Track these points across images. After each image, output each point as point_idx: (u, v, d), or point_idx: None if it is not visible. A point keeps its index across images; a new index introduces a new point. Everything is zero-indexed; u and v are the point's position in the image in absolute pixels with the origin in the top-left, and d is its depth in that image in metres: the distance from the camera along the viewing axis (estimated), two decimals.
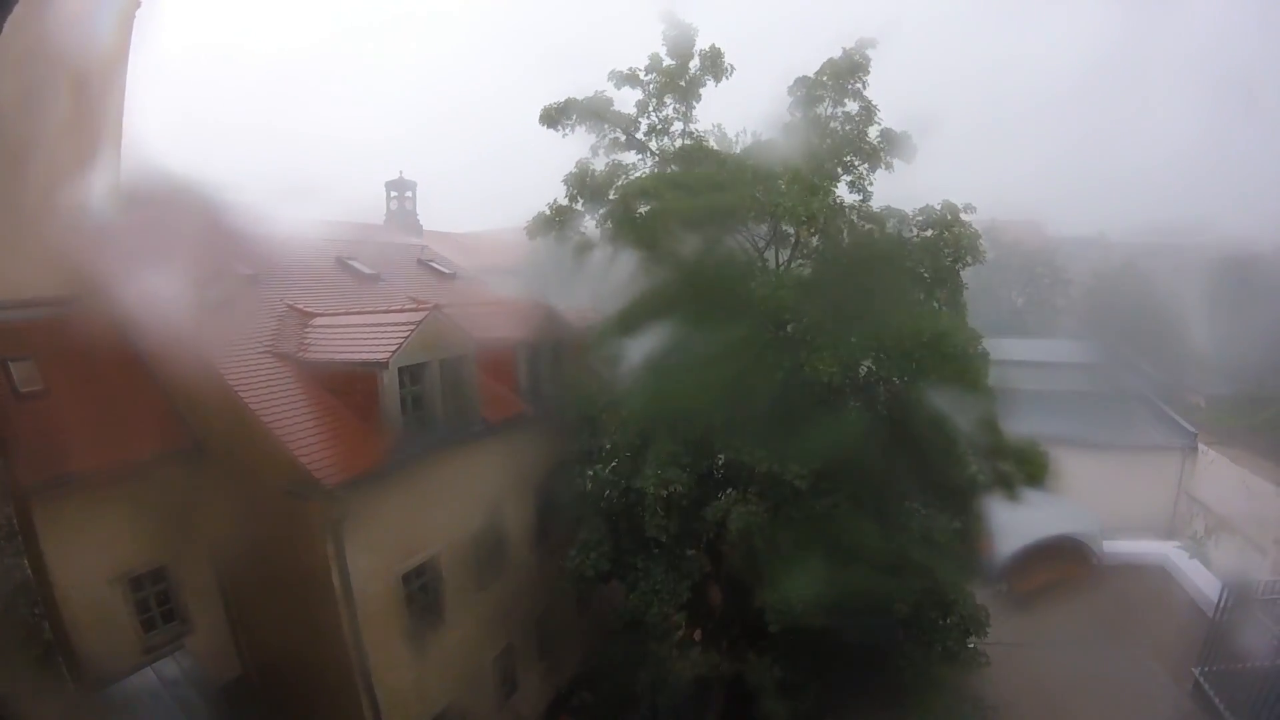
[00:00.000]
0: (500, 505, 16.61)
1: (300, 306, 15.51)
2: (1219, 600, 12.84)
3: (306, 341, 14.00)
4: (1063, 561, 25.07)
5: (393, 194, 28.93)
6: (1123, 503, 26.12)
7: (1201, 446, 28.79)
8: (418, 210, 29.07)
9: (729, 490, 15.51)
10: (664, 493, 14.80)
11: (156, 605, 12.19)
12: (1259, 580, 14.06)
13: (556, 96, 16.75)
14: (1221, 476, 27.07)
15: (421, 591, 14.09)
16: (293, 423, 12.13)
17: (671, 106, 17.04)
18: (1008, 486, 15.59)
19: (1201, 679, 12.61)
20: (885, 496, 15.20)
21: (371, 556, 12.59)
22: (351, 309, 16.41)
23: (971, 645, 15.58)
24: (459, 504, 15.29)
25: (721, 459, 15.74)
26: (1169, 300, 33.40)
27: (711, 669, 16.15)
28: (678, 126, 17.22)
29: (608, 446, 16.41)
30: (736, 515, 14.55)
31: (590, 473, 16.45)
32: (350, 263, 19.44)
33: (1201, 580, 20.63)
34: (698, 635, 17.28)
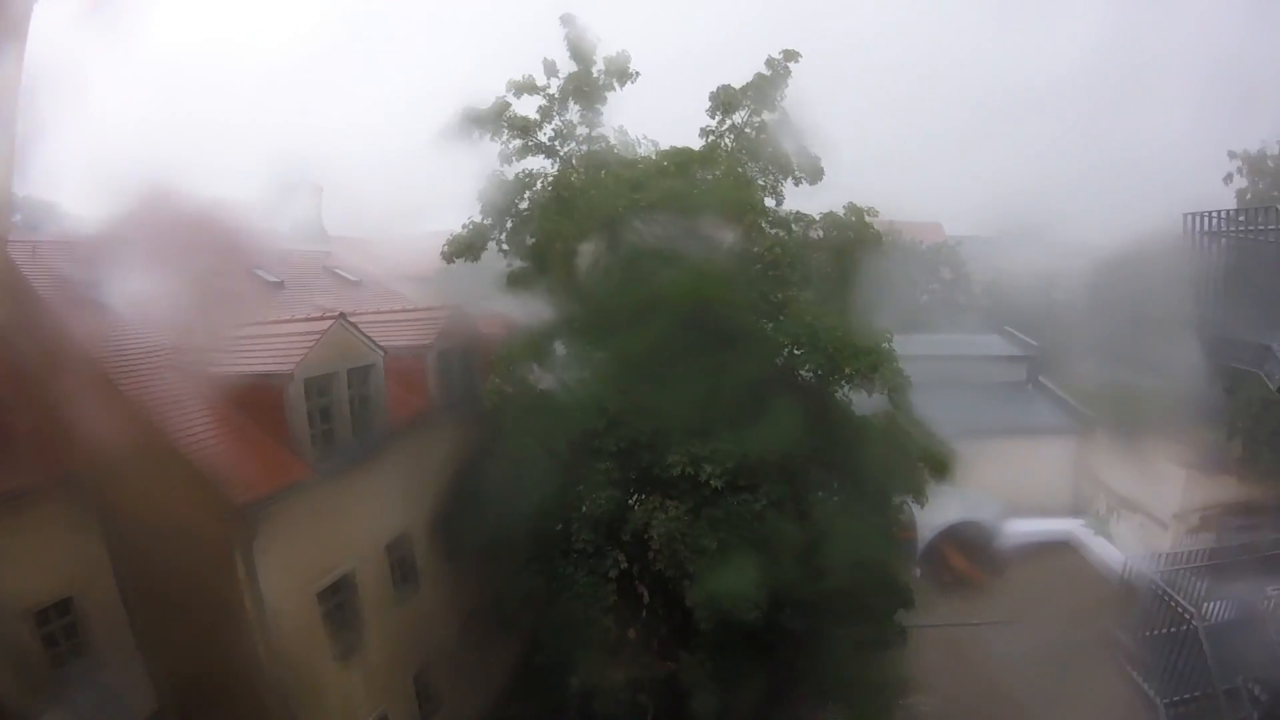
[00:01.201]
0: (413, 517, 16.44)
1: (203, 317, 14.69)
2: (1123, 574, 13.89)
3: (211, 354, 13.49)
4: (973, 546, 26.56)
5: (300, 199, 28.14)
6: (1029, 487, 27.66)
7: (1099, 430, 30.61)
8: (324, 216, 28.33)
9: (645, 494, 15.76)
10: (597, 511, 15.18)
11: (64, 639, 11.50)
12: (1160, 553, 15.22)
13: (465, 100, 16.92)
14: (1117, 455, 28.60)
15: (338, 609, 13.81)
16: (196, 440, 11.70)
17: (577, 112, 17.33)
18: (917, 483, 16.56)
19: (1113, 648, 13.58)
20: (806, 488, 15.85)
21: (284, 576, 12.27)
22: (255, 319, 15.88)
23: (897, 625, 16.29)
24: (372, 517, 15.08)
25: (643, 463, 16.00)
26: (1064, 294, 35.74)
27: (642, 671, 16.43)
28: (582, 131, 17.50)
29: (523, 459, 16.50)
30: (658, 521, 14.84)
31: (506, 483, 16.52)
32: (256, 271, 18.92)
33: (1107, 555, 22.18)
34: (629, 636, 17.52)
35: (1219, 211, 11.22)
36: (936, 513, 22.81)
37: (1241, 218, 11.21)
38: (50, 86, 11.85)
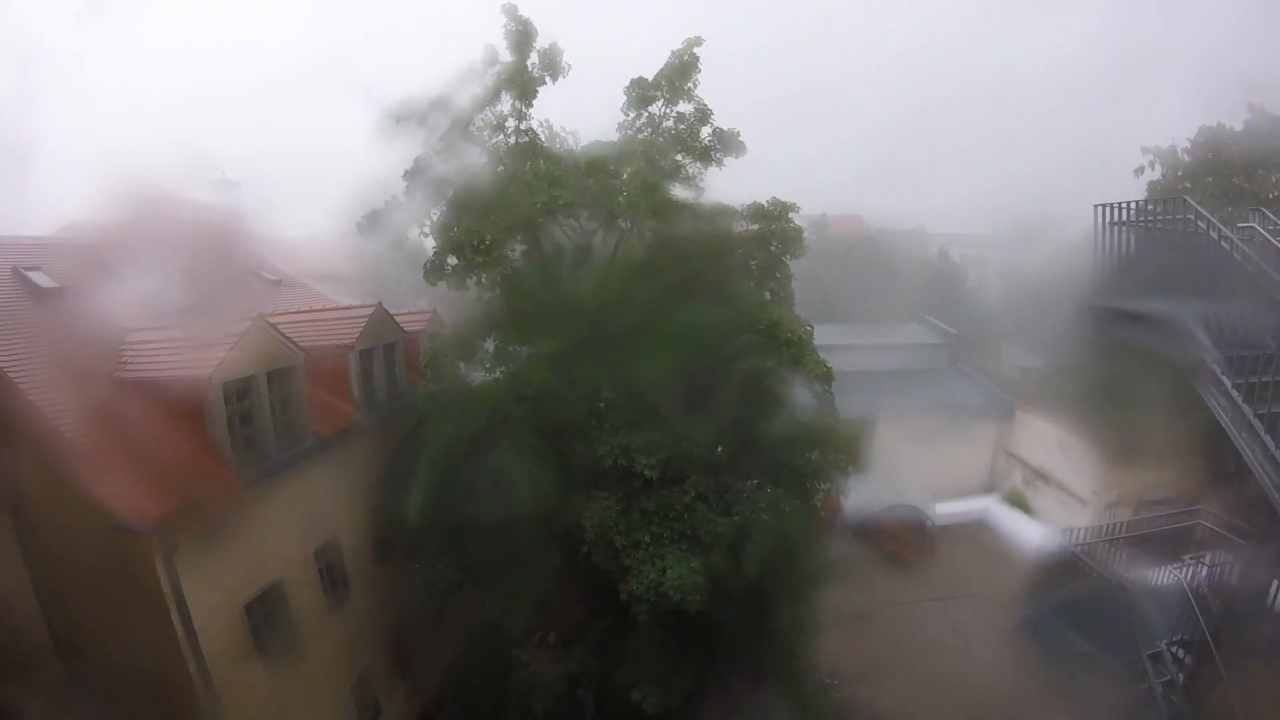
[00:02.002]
0: (340, 521, 16.19)
1: (112, 322, 14.09)
2: (1039, 544, 14.61)
3: (123, 359, 13.07)
4: (900, 527, 27.55)
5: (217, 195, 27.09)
6: (952, 467, 28.89)
7: (1017, 412, 32.28)
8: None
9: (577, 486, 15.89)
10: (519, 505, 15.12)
11: None
12: (1081, 527, 16.10)
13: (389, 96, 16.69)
14: (1035, 435, 30.29)
15: (267, 621, 13.48)
16: (112, 450, 11.19)
17: (509, 103, 17.26)
18: (835, 473, 17.11)
19: (1031, 616, 14.31)
20: (732, 477, 16.19)
21: (210, 589, 11.92)
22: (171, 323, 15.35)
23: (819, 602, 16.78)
24: (298, 524, 14.76)
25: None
26: (981, 284, 37.53)
27: (578, 667, 16.56)
28: (512, 124, 17.45)
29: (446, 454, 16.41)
30: (590, 513, 15.02)
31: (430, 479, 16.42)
32: (162, 271, 18.05)
33: (1026, 529, 23.35)
34: (552, 637, 17.61)
35: (1127, 202, 11.82)
36: (863, 496, 23.63)
37: (1150, 207, 11.87)
38: None
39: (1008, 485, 31.16)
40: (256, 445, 13.75)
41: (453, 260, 17.05)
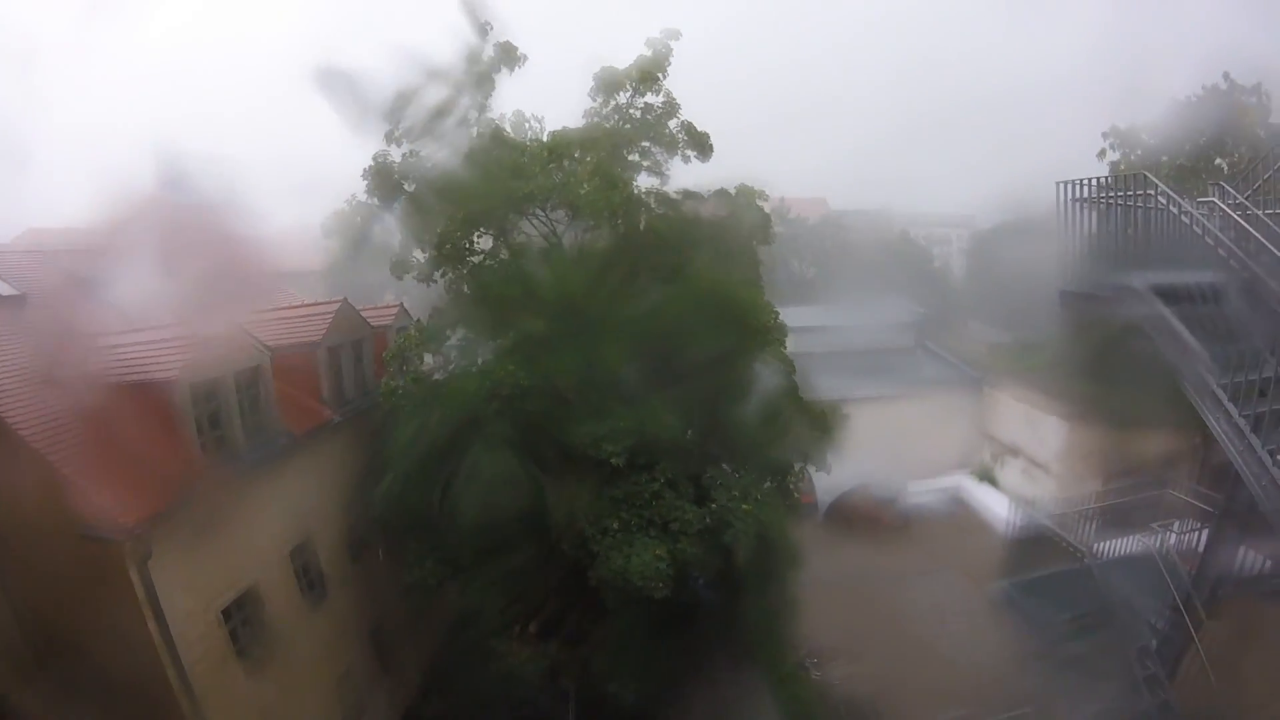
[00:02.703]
0: (315, 520, 16.11)
1: (77, 325, 13.88)
2: (1011, 518, 14.95)
3: (88, 364, 12.76)
4: (872, 505, 28.05)
5: (171, 194, 26.50)
6: (922, 443, 29.36)
7: (986, 388, 32.92)
8: None
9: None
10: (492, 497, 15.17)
11: None
12: (1050, 499, 16.55)
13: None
14: (1004, 411, 30.95)
15: (245, 626, 13.41)
16: (81, 456, 11.02)
17: (469, 95, 17.09)
18: (812, 451, 17.46)
19: (1006, 589, 14.69)
20: (702, 463, 16.34)
21: (186, 596, 11.80)
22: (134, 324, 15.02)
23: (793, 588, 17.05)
24: (271, 525, 14.64)
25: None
26: (945, 262, 38.20)
27: (557, 657, 16.68)
28: (473, 115, 17.30)
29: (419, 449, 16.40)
30: (558, 501, 15.09)
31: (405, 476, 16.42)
32: (125, 271, 17.66)
33: (996, 504, 23.91)
34: (533, 627, 17.72)
35: (1089, 179, 12.08)
36: (836, 475, 24.02)
37: (1112, 183, 12.17)
38: None
39: (979, 460, 31.78)
40: (227, 446, 13.63)
41: (418, 255, 17.00)
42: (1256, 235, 9.26)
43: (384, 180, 16.87)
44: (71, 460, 10.90)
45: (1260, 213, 9.78)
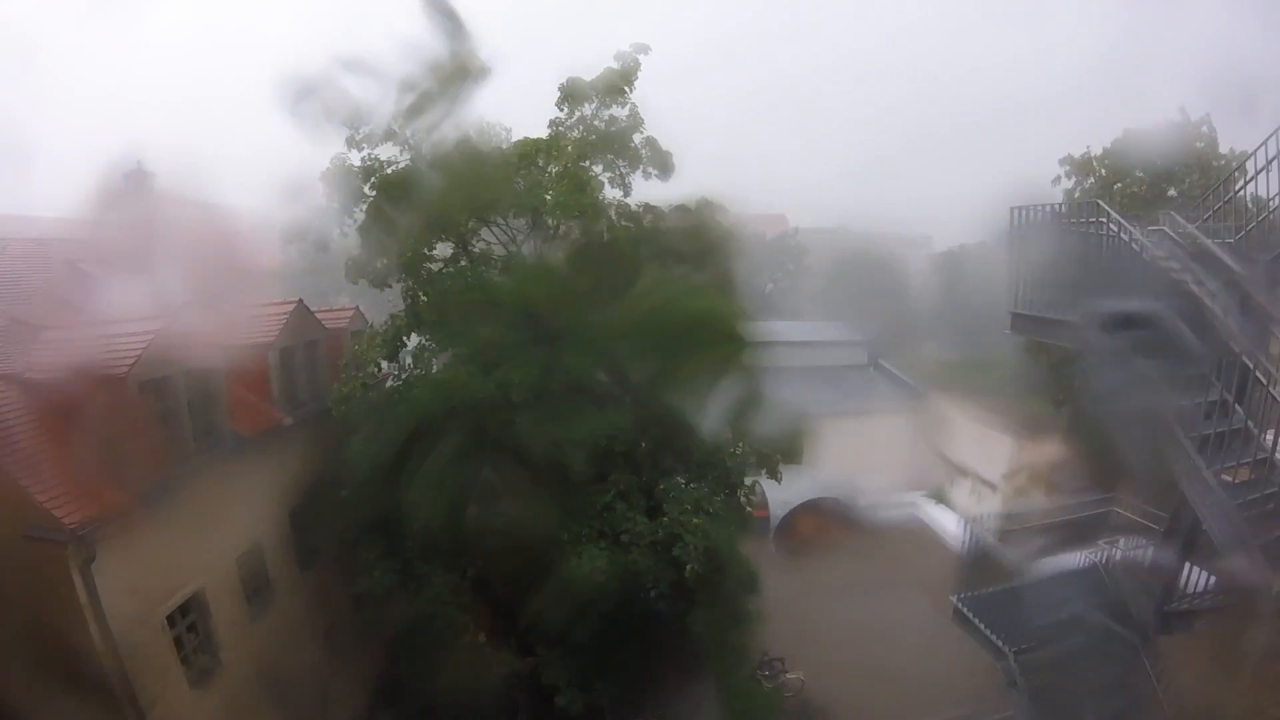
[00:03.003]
0: (264, 526, 15.86)
1: (25, 318, 13.52)
2: (964, 535, 15.30)
3: (34, 359, 12.42)
4: (825, 520, 28.41)
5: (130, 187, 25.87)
6: (874, 461, 29.86)
7: (938, 406, 33.44)
8: None
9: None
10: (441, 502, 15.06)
11: None
12: (994, 514, 16.97)
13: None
14: (956, 429, 31.45)
15: (191, 632, 13.12)
16: (23, 454, 10.71)
17: (434, 102, 16.90)
18: (770, 465, 17.62)
19: (959, 604, 15.02)
20: (656, 474, 16.42)
21: (130, 600, 11.49)
22: (85, 319, 14.56)
23: (747, 603, 17.15)
24: (219, 530, 14.31)
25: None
26: (901, 282, 38.98)
27: (507, 666, 16.58)
28: (439, 122, 17.13)
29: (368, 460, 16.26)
30: (509, 513, 15.10)
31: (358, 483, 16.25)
32: (81, 265, 17.30)
33: (948, 520, 24.41)
34: (482, 637, 17.61)
35: (1042, 206, 12.46)
36: (789, 489, 24.30)
37: (1064, 210, 12.57)
38: None
39: (930, 477, 32.33)
40: (176, 446, 13.31)
41: (374, 262, 16.83)
42: (1215, 257, 9.60)
43: (343, 184, 16.66)
44: (14, 457, 10.59)
45: (1208, 241, 10.15)
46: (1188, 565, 11.51)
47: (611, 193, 17.42)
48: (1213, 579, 11.18)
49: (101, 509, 11.16)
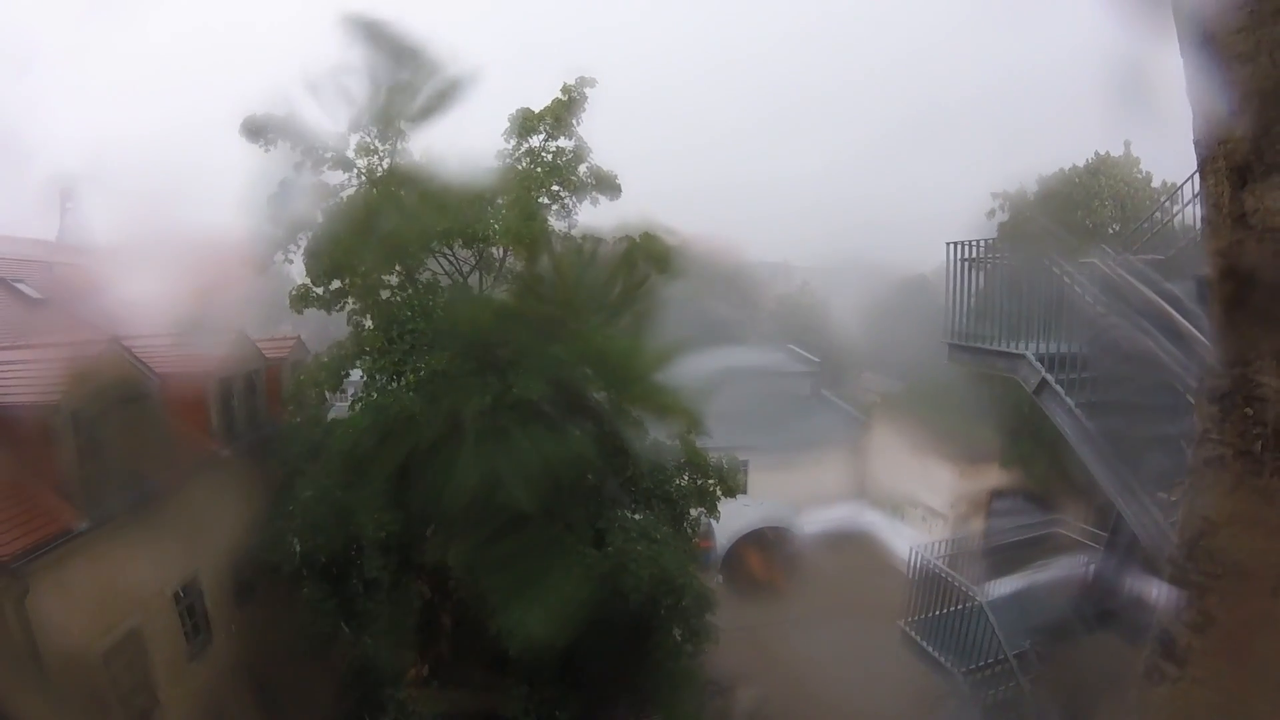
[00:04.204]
0: (201, 561, 15.45)
1: None
2: (910, 561, 15.73)
3: None
4: (771, 549, 28.74)
5: (68, 205, 25.37)
6: (817, 490, 30.40)
7: (879, 435, 34.24)
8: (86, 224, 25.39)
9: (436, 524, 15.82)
10: (380, 535, 15.09)
11: None
12: (942, 540, 17.46)
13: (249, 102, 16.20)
14: (898, 457, 32.13)
15: (128, 670, 12.73)
16: None
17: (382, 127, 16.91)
18: (708, 498, 18.00)
19: (906, 629, 15.39)
20: (601, 505, 16.53)
21: (66, 637, 11.14)
22: (16, 341, 14.42)
23: (705, 621, 17.14)
24: (155, 564, 13.91)
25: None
26: (843, 315, 39.97)
27: (454, 705, 16.40)
28: (386, 148, 17.16)
29: (310, 493, 16.11)
30: (454, 551, 15.05)
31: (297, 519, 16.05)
32: (16, 285, 17.08)
33: (895, 545, 24.90)
34: (426, 672, 17.42)
35: (977, 240, 13.02)
36: (733, 520, 24.60)
37: (998, 244, 13.18)
38: None
39: (873, 506, 33.00)
40: (110, 478, 13.01)
41: (319, 289, 16.71)
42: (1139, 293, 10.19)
43: (286, 203, 16.56)
44: None
45: (1134, 272, 10.75)
46: (1128, 583, 12.05)
47: (556, 223, 17.60)
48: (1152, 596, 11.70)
49: (34, 540, 10.91)
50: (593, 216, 18.05)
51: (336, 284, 16.48)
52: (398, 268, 16.96)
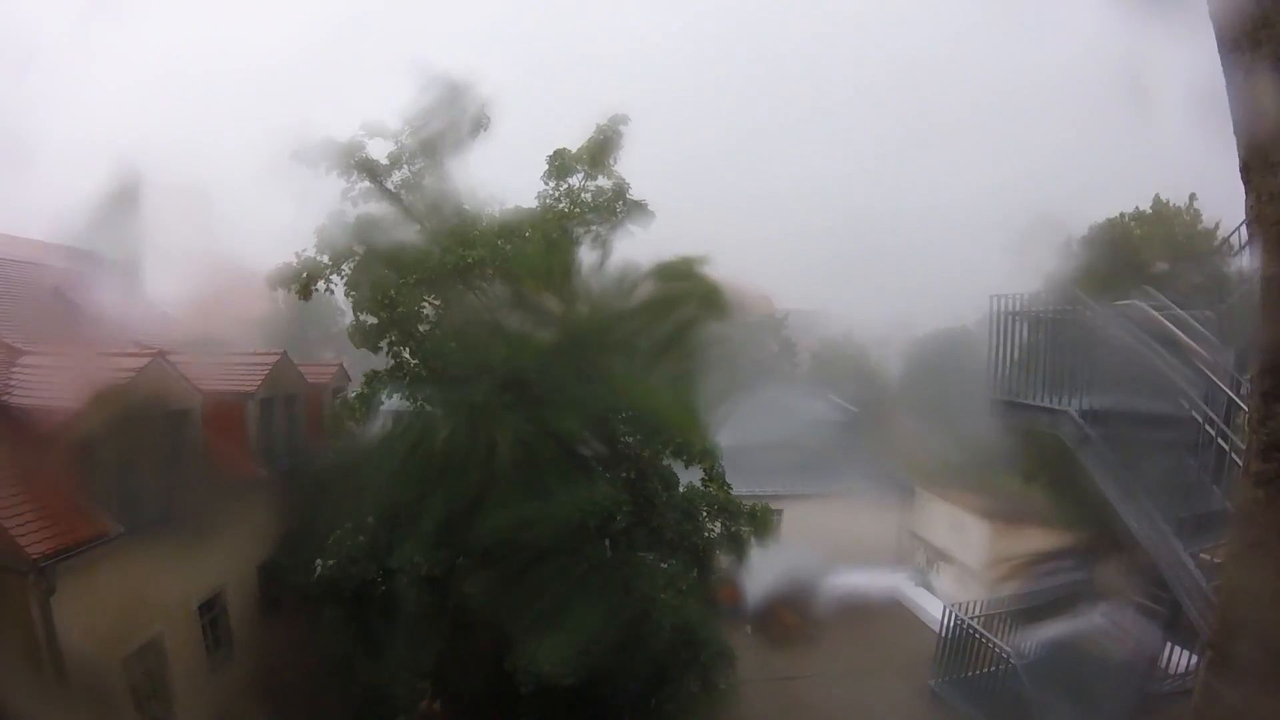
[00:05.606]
0: (228, 577, 15.70)
1: (6, 340, 13.59)
2: (943, 619, 15.26)
3: (12, 383, 12.44)
4: (802, 603, 28.08)
5: (109, 214, 25.99)
6: (854, 544, 29.72)
7: (919, 490, 33.65)
8: None
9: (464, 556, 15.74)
10: (420, 572, 15.09)
11: None
12: (975, 600, 16.93)
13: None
14: (936, 515, 31.65)
15: (147, 678, 12.85)
16: None
17: (423, 162, 17.11)
18: (738, 545, 17.60)
19: (936, 688, 14.90)
20: (629, 548, 16.36)
21: (88, 639, 11.29)
22: (64, 347, 14.66)
23: (726, 678, 16.81)
24: (182, 576, 14.18)
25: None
26: (880, 366, 39.52)
27: None
28: (430, 182, 17.39)
29: (347, 524, 16.23)
30: (474, 582, 15.03)
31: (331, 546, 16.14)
32: (65, 292, 17.40)
33: (929, 604, 24.26)
34: (439, 706, 17.26)
35: (1019, 294, 12.80)
36: (765, 571, 24.14)
37: (1041, 297, 12.92)
38: None
39: (907, 561, 32.21)
40: (147, 488, 13.28)
41: (368, 320, 16.93)
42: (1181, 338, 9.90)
43: (336, 232, 16.89)
44: None
45: (1178, 323, 10.45)
46: (1170, 645, 11.56)
47: (590, 253, 17.62)
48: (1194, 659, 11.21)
49: (67, 542, 11.11)
50: (629, 247, 18.04)
51: (370, 317, 16.64)
52: (434, 299, 17.11)
